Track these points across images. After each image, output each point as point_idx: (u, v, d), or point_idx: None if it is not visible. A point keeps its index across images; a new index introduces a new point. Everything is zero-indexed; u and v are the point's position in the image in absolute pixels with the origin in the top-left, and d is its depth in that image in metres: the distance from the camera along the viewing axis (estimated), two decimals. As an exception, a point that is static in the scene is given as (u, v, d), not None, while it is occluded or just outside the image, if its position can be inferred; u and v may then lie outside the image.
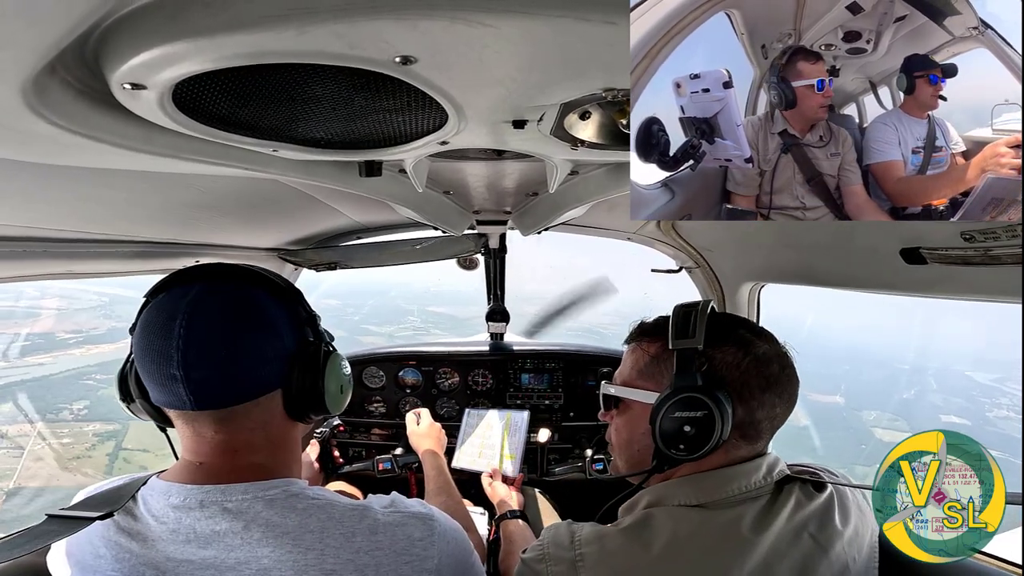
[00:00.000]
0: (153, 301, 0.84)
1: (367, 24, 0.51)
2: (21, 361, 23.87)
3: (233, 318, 0.83)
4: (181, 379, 0.79)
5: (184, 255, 1.68)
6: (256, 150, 0.90)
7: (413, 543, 0.86)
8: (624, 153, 1.00)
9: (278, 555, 0.78)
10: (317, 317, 0.96)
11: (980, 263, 0.96)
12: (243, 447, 0.85)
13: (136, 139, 0.75)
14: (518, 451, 2.18)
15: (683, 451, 0.93)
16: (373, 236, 2.36)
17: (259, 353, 0.85)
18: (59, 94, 0.60)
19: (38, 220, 1.15)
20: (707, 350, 0.95)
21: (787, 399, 0.96)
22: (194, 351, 0.80)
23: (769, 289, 2.00)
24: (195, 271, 0.87)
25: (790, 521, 0.93)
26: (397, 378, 2.66)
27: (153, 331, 0.81)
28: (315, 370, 0.90)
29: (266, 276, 0.90)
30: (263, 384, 0.86)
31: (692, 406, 0.91)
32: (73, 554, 0.84)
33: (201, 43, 0.52)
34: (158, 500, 0.82)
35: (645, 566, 0.89)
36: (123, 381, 0.95)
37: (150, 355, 0.81)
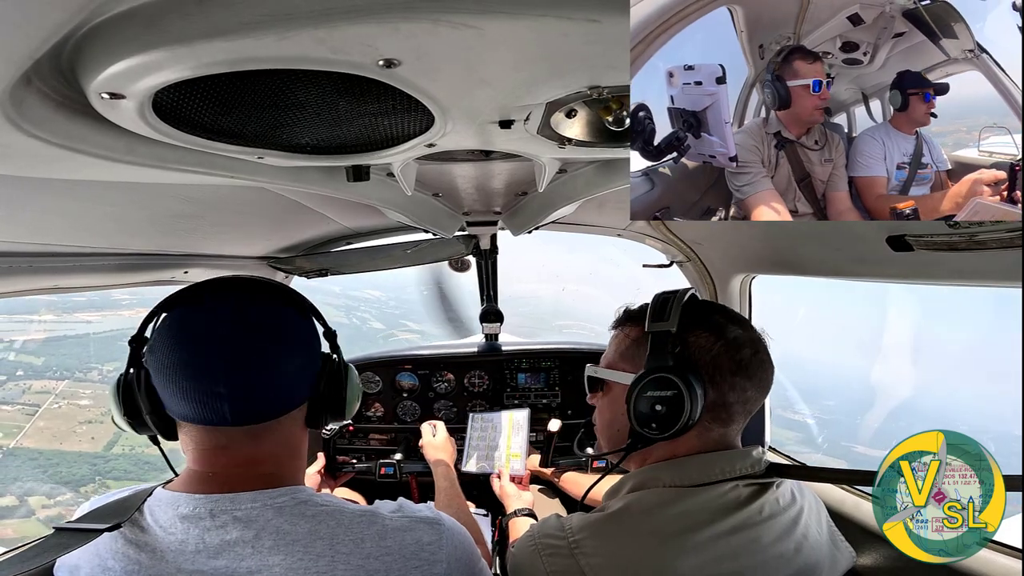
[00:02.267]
0: (177, 314, 0.84)
1: (349, 28, 0.50)
2: (71, 316, 23.91)
3: (271, 334, 0.85)
4: (226, 396, 0.80)
5: (173, 266, 1.66)
6: (241, 158, 0.89)
7: (422, 547, 0.86)
8: (612, 150, 1.00)
9: (290, 563, 0.78)
10: (335, 333, 0.99)
11: (966, 249, 0.97)
12: (266, 459, 0.87)
13: (117, 150, 0.74)
14: (523, 449, 2.21)
15: (655, 430, 0.95)
16: (363, 241, 2.35)
17: (294, 370, 0.87)
18: (36, 105, 0.60)
19: (21, 235, 1.14)
20: (682, 334, 0.98)
21: (758, 383, 0.98)
22: (240, 368, 0.81)
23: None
24: (221, 284, 0.88)
25: (785, 506, 0.96)
26: (394, 382, 2.65)
27: (193, 346, 0.81)
28: (339, 383, 0.94)
29: (293, 293, 0.93)
30: (297, 398, 0.89)
31: (663, 386, 0.94)
32: (81, 568, 0.82)
33: (179, 51, 0.51)
34: (165, 511, 0.81)
35: (638, 545, 0.91)
36: (129, 394, 0.88)
37: (184, 370, 0.80)
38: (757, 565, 0.90)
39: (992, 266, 1.00)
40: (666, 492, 0.96)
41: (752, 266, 1.92)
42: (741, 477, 0.97)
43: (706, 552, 0.88)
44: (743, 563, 0.89)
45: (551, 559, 0.95)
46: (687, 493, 0.95)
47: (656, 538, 0.90)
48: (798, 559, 0.93)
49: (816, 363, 40.63)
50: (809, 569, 0.94)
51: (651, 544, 0.90)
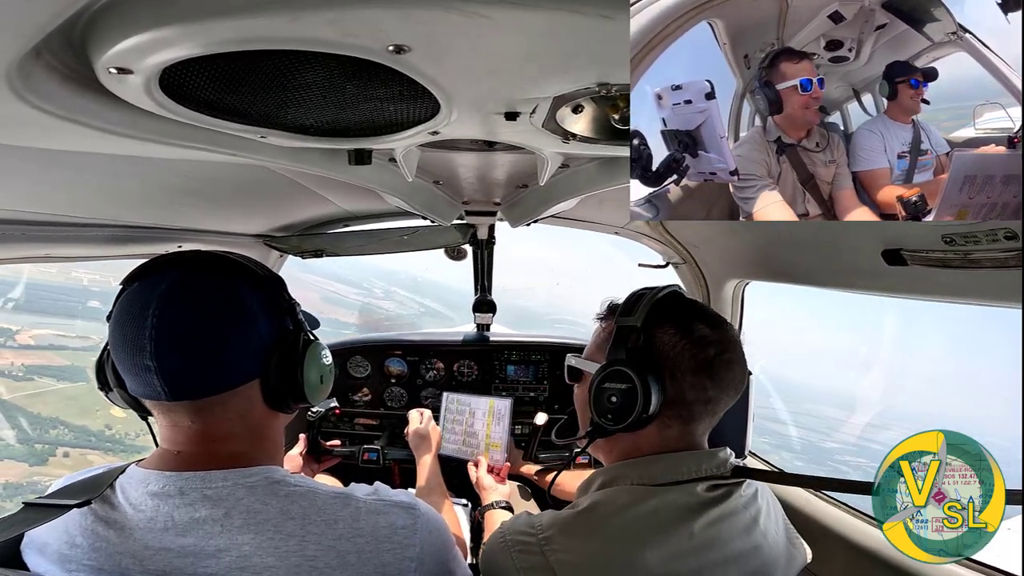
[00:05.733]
0: (128, 290, 0.83)
1: (361, 12, 0.50)
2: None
3: (207, 307, 0.82)
4: (155, 370, 0.78)
5: (167, 240, 1.65)
6: (244, 136, 0.88)
7: (395, 531, 0.85)
8: (615, 148, 1.01)
9: (259, 541, 0.77)
10: (297, 305, 0.94)
11: (959, 266, 0.98)
12: (222, 437, 0.85)
13: (121, 124, 0.74)
14: (503, 440, 2.17)
15: (610, 420, 0.97)
16: (360, 224, 2.34)
17: (235, 343, 0.84)
18: (44, 78, 0.59)
19: (15, 203, 1.13)
20: (650, 329, 0.99)
21: (721, 384, 0.98)
22: (167, 341, 0.78)
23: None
24: (170, 259, 0.85)
25: (745, 506, 0.98)
26: (382, 367, 2.65)
27: (126, 320, 0.80)
28: (294, 360, 0.89)
29: (243, 264, 0.88)
30: (240, 374, 0.85)
31: (618, 379, 0.96)
32: (48, 543, 0.82)
33: (191, 28, 0.51)
34: (136, 488, 0.81)
35: (606, 542, 0.92)
36: (100, 369, 0.94)
37: (124, 345, 0.80)
38: (718, 562, 0.92)
39: (987, 285, 1.01)
40: (635, 490, 0.98)
41: (747, 272, 1.93)
42: (707, 478, 0.98)
43: (670, 548, 0.90)
44: (705, 560, 0.91)
45: (521, 556, 0.95)
46: (654, 492, 0.96)
47: (623, 535, 0.92)
48: (757, 556, 0.96)
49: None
50: (767, 566, 0.97)
51: (618, 541, 0.91)
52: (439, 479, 1.82)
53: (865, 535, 1.50)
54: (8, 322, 20.90)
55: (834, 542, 1.55)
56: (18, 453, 16.38)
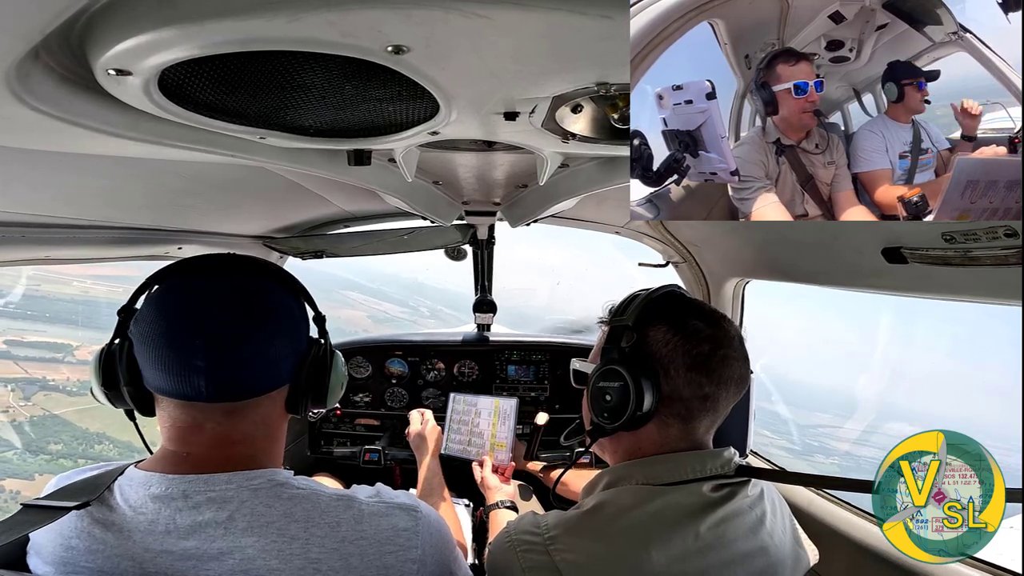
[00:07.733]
0: (166, 286, 0.84)
1: (360, 12, 0.50)
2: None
3: (260, 315, 0.84)
4: (203, 370, 0.79)
5: (167, 242, 1.65)
6: (243, 137, 0.88)
7: (398, 533, 0.86)
8: (615, 147, 1.00)
9: (263, 544, 0.77)
10: (324, 317, 0.99)
11: (959, 264, 0.98)
12: (240, 439, 0.85)
13: (120, 125, 0.74)
14: (508, 439, 2.17)
15: (607, 419, 0.98)
16: (360, 225, 2.34)
17: (278, 351, 0.86)
18: (42, 79, 0.59)
19: (14, 205, 1.13)
20: (644, 328, 1.00)
21: (718, 381, 0.97)
22: (221, 344, 0.80)
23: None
24: (213, 261, 0.87)
25: (751, 506, 0.97)
26: (383, 368, 2.65)
27: (176, 318, 0.80)
28: (323, 368, 0.93)
29: (285, 274, 0.92)
30: (276, 380, 0.88)
31: (611, 378, 0.97)
32: (44, 546, 0.81)
33: (190, 29, 0.51)
34: (137, 490, 0.80)
35: (611, 542, 0.92)
36: (110, 364, 0.88)
37: (169, 343, 0.80)
38: (724, 562, 0.91)
39: (988, 282, 1.01)
40: (640, 490, 0.98)
41: (747, 271, 1.93)
42: (712, 477, 0.98)
43: (676, 549, 0.90)
44: (710, 560, 0.90)
45: (526, 555, 0.95)
46: (659, 492, 0.96)
47: (629, 536, 0.91)
48: (763, 557, 0.95)
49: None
50: (773, 567, 0.96)
51: (624, 542, 0.91)
52: (440, 479, 1.82)
53: (869, 534, 1.50)
54: (68, 338, 21.08)
55: (838, 541, 1.55)
56: (62, 469, 16.51)
